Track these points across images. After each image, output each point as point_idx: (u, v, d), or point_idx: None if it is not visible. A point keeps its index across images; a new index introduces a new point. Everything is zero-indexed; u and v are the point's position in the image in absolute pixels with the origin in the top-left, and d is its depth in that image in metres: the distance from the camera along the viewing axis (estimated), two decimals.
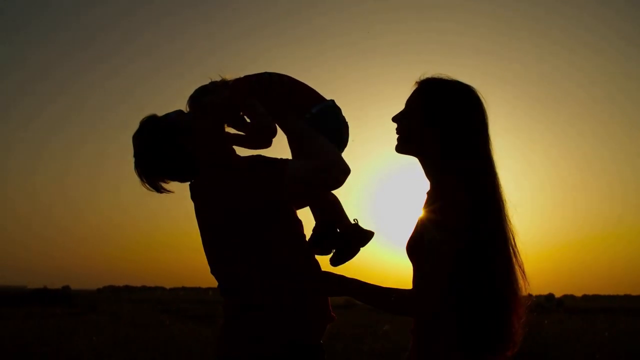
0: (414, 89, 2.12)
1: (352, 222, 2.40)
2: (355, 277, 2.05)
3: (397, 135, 2.13)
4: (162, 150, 2.18)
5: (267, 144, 2.30)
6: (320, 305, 2.17)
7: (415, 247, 2.01)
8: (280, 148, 2.29)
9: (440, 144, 2.02)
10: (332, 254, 2.36)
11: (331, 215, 2.39)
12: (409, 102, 2.11)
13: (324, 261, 2.28)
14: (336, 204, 2.41)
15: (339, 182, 2.07)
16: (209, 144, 2.20)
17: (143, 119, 2.23)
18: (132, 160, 2.24)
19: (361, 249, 2.37)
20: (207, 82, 2.31)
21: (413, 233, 2.05)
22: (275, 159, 2.24)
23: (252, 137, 2.31)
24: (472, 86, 2.08)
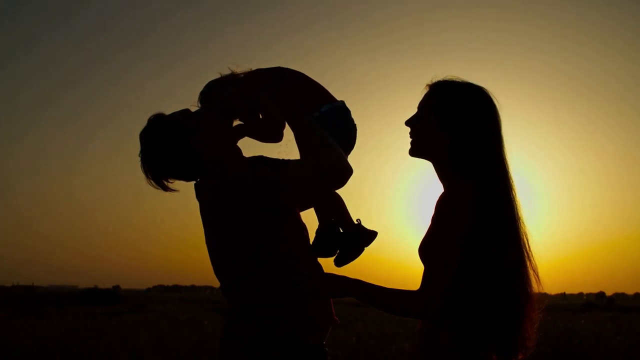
0: (425, 92, 2.12)
1: (355, 222, 2.39)
2: (359, 278, 2.04)
3: (410, 139, 2.14)
4: (166, 149, 2.18)
5: (279, 137, 2.28)
6: (323, 308, 2.16)
7: (426, 250, 1.99)
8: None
9: (452, 146, 2.02)
10: (336, 254, 2.35)
11: (335, 215, 2.38)
12: (421, 106, 2.12)
13: (327, 263, 2.28)
14: (339, 204, 2.40)
15: (341, 183, 2.05)
16: (214, 145, 2.20)
17: (150, 117, 2.24)
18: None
19: (365, 249, 2.36)
20: (216, 76, 2.30)
21: (425, 236, 2.03)
22: (277, 160, 2.25)
23: (263, 130, 2.29)
24: (484, 88, 2.08)
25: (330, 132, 2.14)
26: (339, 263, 2.35)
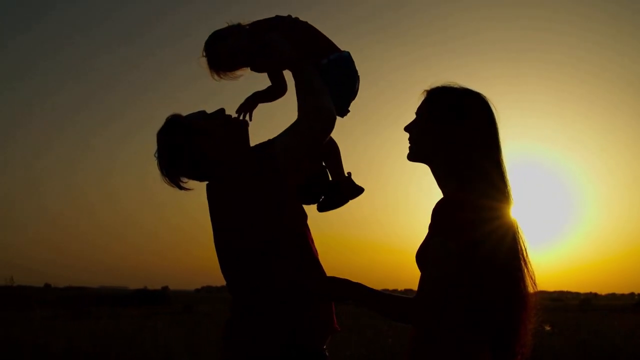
0: (423, 98, 2.13)
1: (346, 174, 2.45)
2: (362, 283, 2.04)
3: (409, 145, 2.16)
4: (178, 150, 2.25)
5: (283, 89, 2.40)
6: (324, 313, 2.19)
7: (422, 256, 2.00)
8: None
9: (448, 152, 2.03)
10: (321, 200, 2.43)
11: (327, 161, 2.44)
12: (419, 112, 2.13)
13: (330, 270, 2.28)
14: (334, 151, 2.45)
15: (329, 129, 2.20)
16: (222, 147, 2.26)
17: (168, 117, 2.31)
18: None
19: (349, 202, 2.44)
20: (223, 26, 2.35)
21: (422, 243, 2.04)
22: (264, 145, 2.26)
23: (273, 67, 2.39)
24: (482, 94, 2.09)
25: (337, 79, 2.30)
26: (321, 208, 2.44)
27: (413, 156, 2.13)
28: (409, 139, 2.14)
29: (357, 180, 2.48)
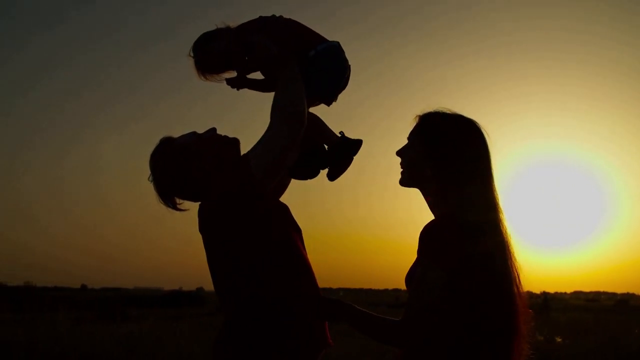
0: (415, 123, 2.15)
1: (338, 135, 2.47)
2: (352, 304, 2.07)
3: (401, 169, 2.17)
4: (168, 173, 2.29)
5: (274, 86, 2.29)
6: (314, 329, 2.18)
7: (409, 280, 2.02)
8: None
9: (439, 177, 2.04)
10: (327, 170, 2.44)
11: (317, 139, 2.44)
12: (411, 137, 2.15)
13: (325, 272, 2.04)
14: (318, 127, 2.44)
15: (298, 131, 2.16)
16: (212, 171, 2.26)
17: (160, 139, 2.34)
18: None
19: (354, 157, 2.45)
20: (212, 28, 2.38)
21: (412, 265, 2.05)
22: (240, 162, 2.24)
23: (261, 66, 2.37)
24: (473, 120, 2.11)
25: (325, 69, 2.33)
26: (332, 177, 2.45)
27: (405, 181, 2.15)
28: (401, 163, 2.15)
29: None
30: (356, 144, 2.44)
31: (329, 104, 2.40)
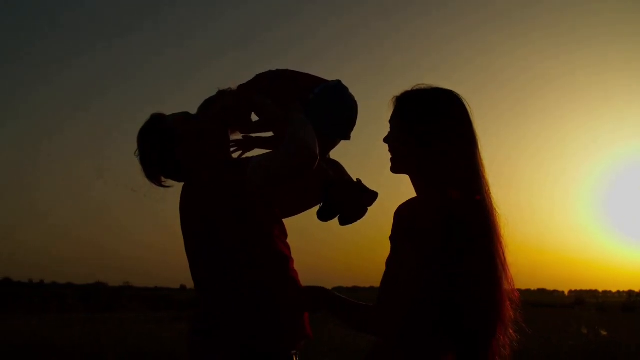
0: (392, 106, 2.06)
1: (355, 181, 2.46)
2: (337, 293, 2.05)
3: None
4: (153, 152, 2.31)
5: (279, 131, 2.32)
6: (292, 319, 2.18)
7: (389, 265, 1.99)
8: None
9: (419, 157, 1.95)
10: (339, 216, 2.42)
11: (335, 177, 2.42)
12: (391, 120, 2.05)
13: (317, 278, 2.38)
14: (337, 170, 2.45)
15: (304, 168, 2.12)
16: (195, 153, 2.28)
17: (151, 115, 2.36)
18: None
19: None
20: (214, 93, 2.40)
21: (392, 247, 2.02)
22: (242, 160, 2.39)
23: (264, 127, 2.41)
24: (453, 91, 2.00)
25: (328, 110, 2.35)
26: (343, 223, 2.43)
27: (394, 168, 2.05)
28: (389, 150, 2.06)
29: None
30: (373, 195, 2.44)
31: (342, 139, 2.44)
